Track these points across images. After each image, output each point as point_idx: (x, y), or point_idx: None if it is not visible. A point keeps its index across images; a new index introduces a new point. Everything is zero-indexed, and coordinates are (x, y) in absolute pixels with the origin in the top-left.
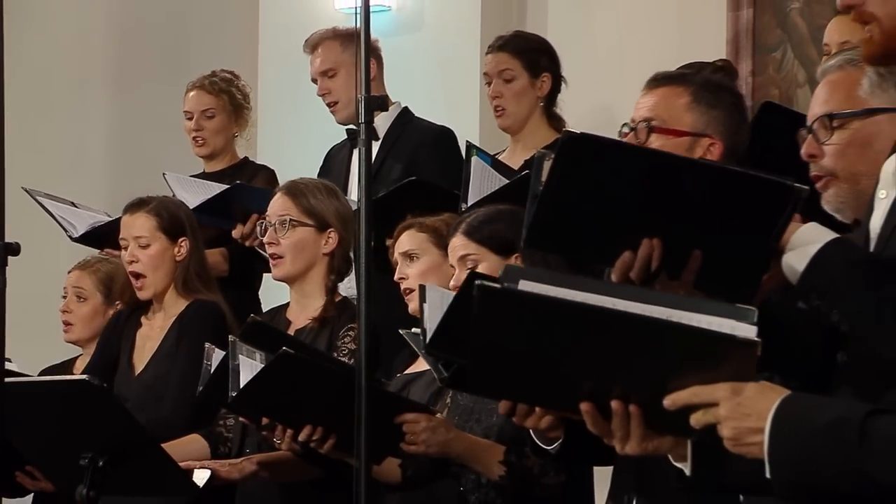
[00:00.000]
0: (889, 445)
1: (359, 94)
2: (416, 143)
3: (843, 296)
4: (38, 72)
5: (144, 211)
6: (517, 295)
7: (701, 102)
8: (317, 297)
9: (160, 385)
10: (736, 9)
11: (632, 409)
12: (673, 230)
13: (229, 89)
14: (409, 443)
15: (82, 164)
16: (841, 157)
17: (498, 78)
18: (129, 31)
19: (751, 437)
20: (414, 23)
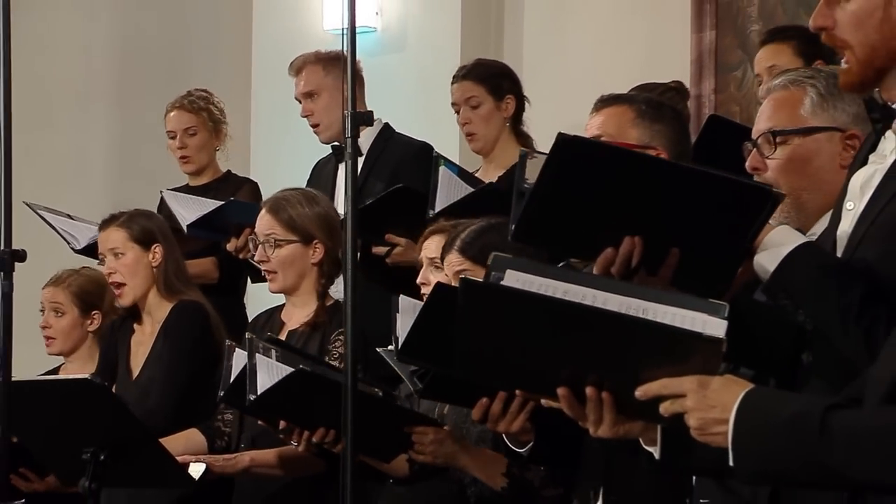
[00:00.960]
0: (847, 439)
1: (345, 111)
2: (398, 158)
3: (809, 297)
4: (44, 89)
5: (116, 225)
6: (498, 289)
7: (644, 118)
8: (309, 301)
9: (150, 385)
10: (699, 31)
11: (604, 396)
12: (654, 229)
13: (207, 107)
14: (418, 452)
15: (85, 175)
16: (782, 172)
17: (465, 105)
18: (128, 51)
19: (716, 427)
20: (397, 43)
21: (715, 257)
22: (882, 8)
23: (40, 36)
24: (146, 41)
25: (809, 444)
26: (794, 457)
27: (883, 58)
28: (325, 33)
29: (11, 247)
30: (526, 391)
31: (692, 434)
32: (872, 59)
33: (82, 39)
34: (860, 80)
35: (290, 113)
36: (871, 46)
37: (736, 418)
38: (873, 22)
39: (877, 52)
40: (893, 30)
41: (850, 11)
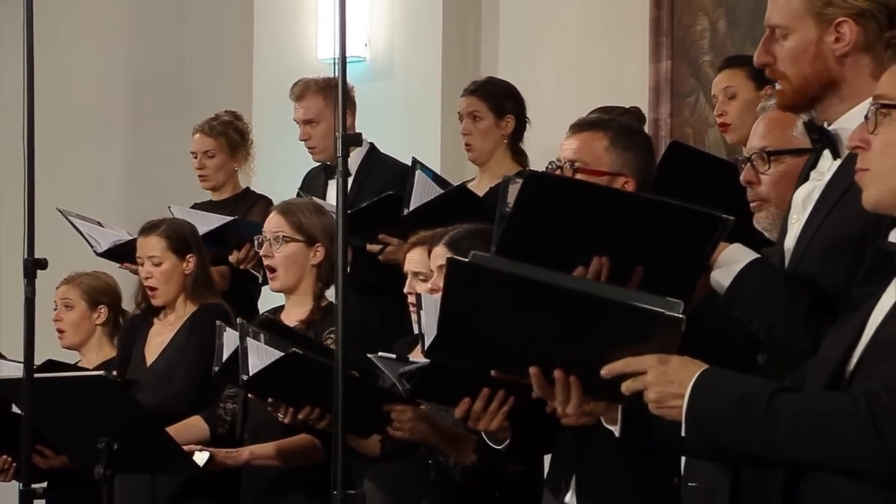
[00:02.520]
0: (790, 420)
1: (336, 132)
2: (386, 178)
3: (762, 309)
4: (64, 113)
5: (156, 234)
6: (482, 269)
7: (617, 146)
8: (306, 301)
9: (171, 371)
10: (657, 61)
11: (572, 379)
12: (620, 251)
13: (226, 131)
14: (396, 429)
15: (101, 190)
16: (775, 186)
17: (468, 118)
18: (141, 78)
19: (672, 401)
20: (385, 71)
21: (675, 274)
22: (814, 45)
23: (61, 65)
24: (156, 70)
25: (756, 422)
26: (742, 433)
27: (816, 87)
28: (319, 62)
29: (34, 256)
30: (500, 371)
31: (650, 408)
32: (806, 88)
33: (99, 68)
34: (793, 105)
35: (287, 132)
36: (805, 78)
37: (691, 394)
38: (807, 57)
39: (810, 82)
40: (824, 64)
41: (788, 48)
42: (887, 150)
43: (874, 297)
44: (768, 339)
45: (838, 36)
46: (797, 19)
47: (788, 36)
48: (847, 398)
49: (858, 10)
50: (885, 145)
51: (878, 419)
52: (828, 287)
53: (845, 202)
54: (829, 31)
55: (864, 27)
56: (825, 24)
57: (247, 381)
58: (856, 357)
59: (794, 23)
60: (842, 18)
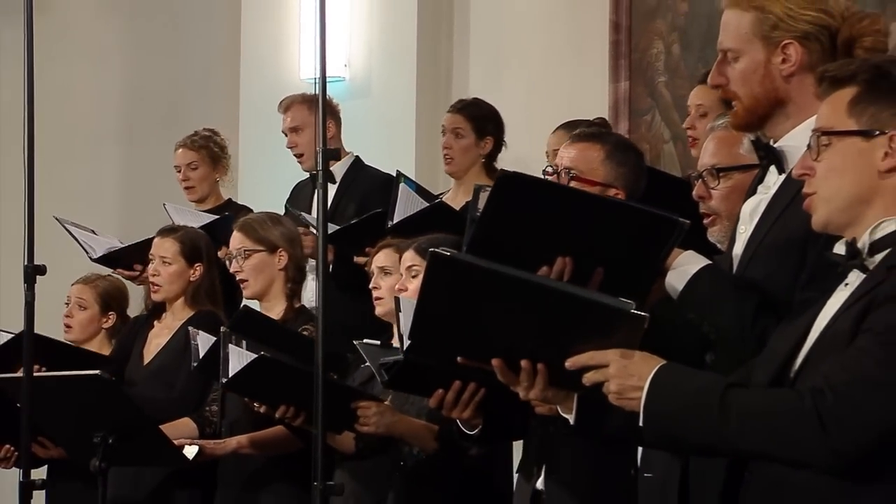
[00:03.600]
0: (741, 414)
1: (317, 147)
2: (368, 187)
3: (711, 311)
4: (64, 128)
5: (172, 237)
6: (461, 262)
7: (612, 160)
8: (278, 304)
9: (165, 373)
10: (616, 81)
11: (539, 367)
12: (582, 251)
13: (207, 144)
14: (362, 424)
15: (98, 200)
16: (725, 201)
17: (451, 133)
18: (135, 96)
19: (632, 393)
20: (363, 90)
21: (633, 275)
22: (763, 66)
23: (60, 84)
24: (150, 88)
25: (709, 415)
26: (696, 425)
27: (765, 106)
28: (301, 81)
29: (34, 262)
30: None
31: (611, 399)
32: (756, 107)
33: (95, 87)
34: (745, 124)
35: (273, 146)
36: (755, 97)
37: (649, 387)
38: (757, 77)
39: (760, 101)
40: (773, 83)
41: (739, 70)
42: (830, 174)
43: (821, 300)
44: (717, 338)
45: (785, 57)
46: (747, 42)
47: (739, 58)
48: (794, 394)
49: (803, 32)
50: (828, 170)
51: (822, 415)
52: (772, 291)
53: (789, 214)
54: (776, 52)
55: (809, 48)
56: (772, 46)
57: (226, 383)
58: (801, 356)
59: (743, 46)
60: (788, 41)
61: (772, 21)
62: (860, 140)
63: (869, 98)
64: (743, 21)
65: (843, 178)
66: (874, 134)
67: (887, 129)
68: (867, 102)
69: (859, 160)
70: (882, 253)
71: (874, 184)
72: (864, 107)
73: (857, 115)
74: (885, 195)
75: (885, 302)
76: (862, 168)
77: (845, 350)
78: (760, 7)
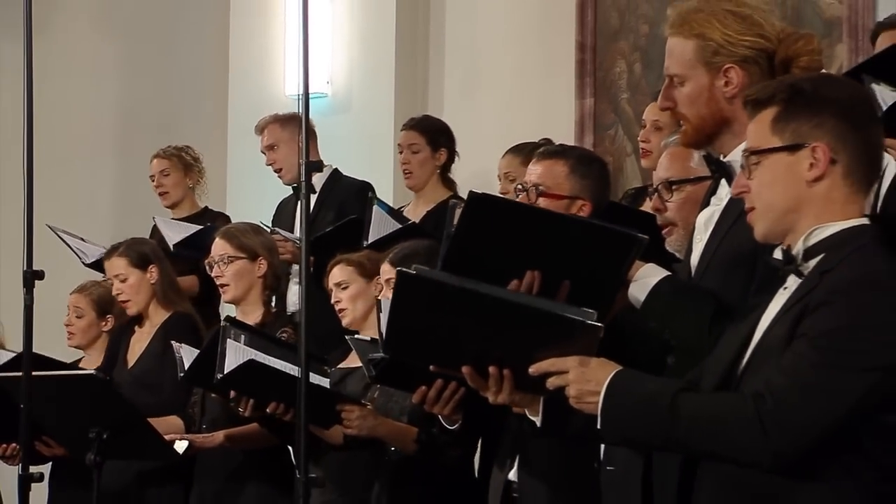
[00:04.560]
0: (689, 418)
1: (300, 160)
2: (344, 194)
3: (672, 318)
4: (61, 141)
5: (117, 254)
6: (427, 280)
7: (576, 173)
8: (256, 309)
9: (147, 375)
10: (582, 97)
11: (505, 373)
12: (550, 266)
13: (179, 153)
14: (346, 426)
15: (94, 209)
16: (679, 211)
17: (407, 149)
18: (129, 110)
19: (590, 397)
20: (344, 106)
21: (597, 287)
22: (707, 89)
23: (59, 99)
24: (143, 104)
25: (660, 419)
26: (648, 428)
27: (711, 126)
28: (287, 98)
29: (33, 267)
30: (438, 366)
31: (571, 402)
32: (703, 127)
33: (91, 102)
34: (694, 142)
35: (259, 161)
36: (702, 118)
37: (605, 392)
38: (702, 100)
39: (706, 122)
40: (717, 105)
41: (685, 94)
42: (763, 189)
43: (763, 304)
44: (678, 344)
45: (727, 80)
46: (691, 68)
47: (685, 83)
48: (738, 399)
49: (742, 57)
50: (761, 186)
51: (763, 419)
52: (728, 297)
53: (739, 225)
54: (718, 76)
55: (749, 71)
56: (714, 70)
57: (221, 379)
58: (745, 358)
59: (688, 71)
60: (729, 65)
61: (713, 48)
62: (786, 155)
63: (789, 115)
64: (686, 48)
65: (775, 191)
66: (798, 147)
67: (809, 142)
68: (788, 119)
69: (787, 173)
70: (815, 259)
71: (803, 193)
72: (785, 124)
73: (780, 132)
74: (814, 203)
75: (817, 307)
76: (790, 180)
77: (783, 353)
78: (701, 34)
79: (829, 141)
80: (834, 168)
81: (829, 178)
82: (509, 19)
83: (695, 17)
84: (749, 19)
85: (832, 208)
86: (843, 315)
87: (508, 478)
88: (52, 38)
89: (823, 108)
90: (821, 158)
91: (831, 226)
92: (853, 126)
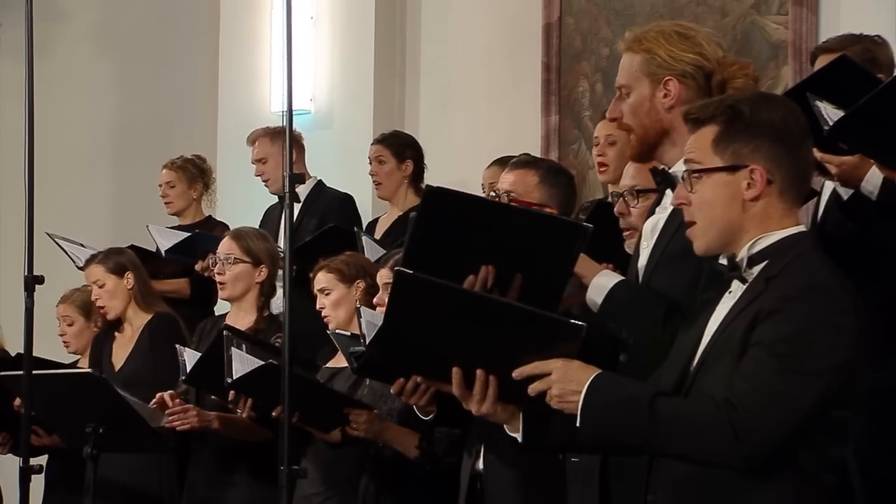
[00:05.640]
0: (666, 422)
1: (284, 172)
2: (326, 205)
3: (627, 319)
4: (61, 153)
5: (95, 262)
6: (424, 281)
7: (546, 183)
8: (251, 311)
9: (138, 374)
10: (547, 115)
11: (491, 379)
12: (502, 258)
13: (185, 166)
14: (353, 429)
15: (92, 218)
16: (642, 217)
17: (376, 162)
18: (125, 125)
19: (571, 396)
20: (326, 122)
21: (547, 280)
22: (649, 99)
23: (59, 114)
24: (138, 120)
25: (639, 421)
26: (627, 429)
27: (653, 135)
28: (272, 114)
29: (33, 272)
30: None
31: (553, 402)
32: (646, 136)
33: (90, 118)
34: (639, 153)
35: (246, 171)
36: (644, 127)
37: (586, 392)
38: (644, 110)
39: (648, 131)
40: (657, 115)
41: (630, 104)
42: (704, 205)
43: (710, 308)
44: (634, 342)
45: (666, 92)
46: (636, 79)
47: (630, 93)
48: (711, 406)
49: (681, 71)
50: (701, 202)
51: (734, 426)
52: (675, 295)
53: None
54: (659, 88)
55: (686, 85)
56: (656, 82)
57: (231, 384)
58: (696, 359)
59: (633, 82)
60: (668, 77)
61: (657, 61)
62: (725, 175)
63: (729, 137)
64: (634, 61)
65: (715, 209)
66: (737, 168)
67: (747, 163)
68: (728, 141)
69: (727, 192)
70: (759, 265)
71: (742, 211)
72: (725, 145)
73: (721, 153)
74: (753, 219)
75: (768, 316)
76: (730, 198)
77: (737, 358)
78: (648, 49)
79: (766, 163)
80: (770, 187)
81: (765, 198)
82: (480, 42)
83: (646, 35)
84: (692, 39)
85: (769, 222)
86: (795, 322)
87: (476, 466)
88: (53, 58)
89: (760, 132)
90: (758, 180)
91: (773, 235)
92: (787, 148)
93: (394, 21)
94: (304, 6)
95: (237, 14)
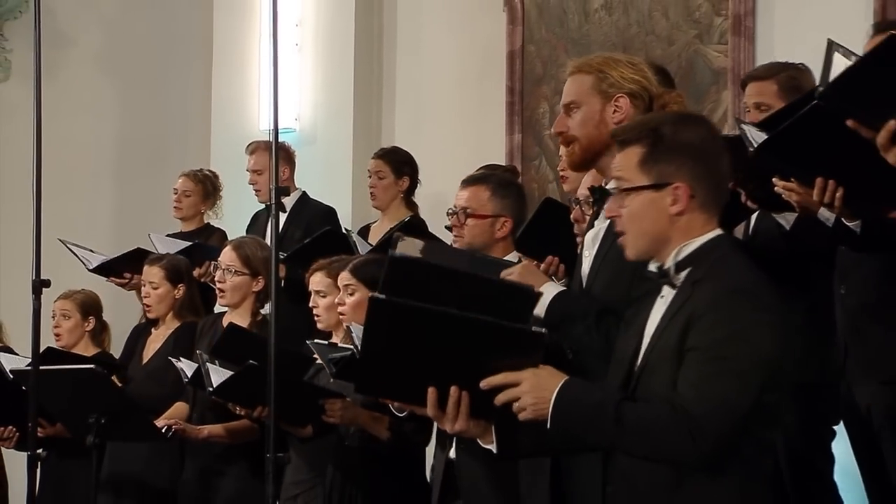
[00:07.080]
0: (631, 425)
1: (270, 185)
2: (311, 216)
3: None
4: (67, 168)
5: (158, 265)
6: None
7: (497, 195)
8: (246, 316)
9: (157, 371)
10: (511, 133)
11: (463, 395)
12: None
13: (205, 181)
14: (329, 417)
15: (95, 227)
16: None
17: (374, 175)
18: (126, 142)
19: (542, 403)
20: (310, 139)
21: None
22: (599, 113)
23: (64, 132)
24: (137, 137)
25: (606, 425)
26: (594, 432)
27: (598, 145)
28: (261, 132)
29: (40, 277)
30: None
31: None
32: (591, 146)
33: (94, 136)
34: (581, 161)
35: (236, 183)
36: (590, 138)
37: (556, 397)
38: (593, 122)
39: (594, 142)
40: (606, 127)
41: (578, 118)
42: (633, 218)
43: (645, 311)
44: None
45: (616, 108)
46: (587, 95)
47: (580, 108)
48: (670, 410)
49: (630, 90)
50: (631, 216)
51: (691, 428)
52: (613, 296)
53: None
54: (609, 104)
55: (634, 103)
56: (607, 99)
57: (213, 391)
58: (639, 360)
59: (584, 98)
60: (620, 95)
61: (609, 81)
62: (652, 192)
63: (654, 157)
64: (585, 80)
65: (643, 223)
66: (662, 186)
67: (671, 181)
68: (653, 162)
69: (653, 207)
70: (685, 271)
71: (668, 224)
72: (650, 166)
73: (647, 172)
74: (679, 230)
75: (699, 320)
76: (656, 213)
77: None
78: (600, 70)
79: (688, 181)
80: (693, 201)
81: (689, 212)
82: (451, 68)
83: (596, 60)
84: (638, 66)
85: (693, 231)
86: (724, 325)
87: (449, 456)
88: (59, 81)
89: (682, 153)
90: (682, 196)
91: (694, 241)
92: (706, 164)
93: (371, 47)
94: (289, 34)
95: (229, 41)
